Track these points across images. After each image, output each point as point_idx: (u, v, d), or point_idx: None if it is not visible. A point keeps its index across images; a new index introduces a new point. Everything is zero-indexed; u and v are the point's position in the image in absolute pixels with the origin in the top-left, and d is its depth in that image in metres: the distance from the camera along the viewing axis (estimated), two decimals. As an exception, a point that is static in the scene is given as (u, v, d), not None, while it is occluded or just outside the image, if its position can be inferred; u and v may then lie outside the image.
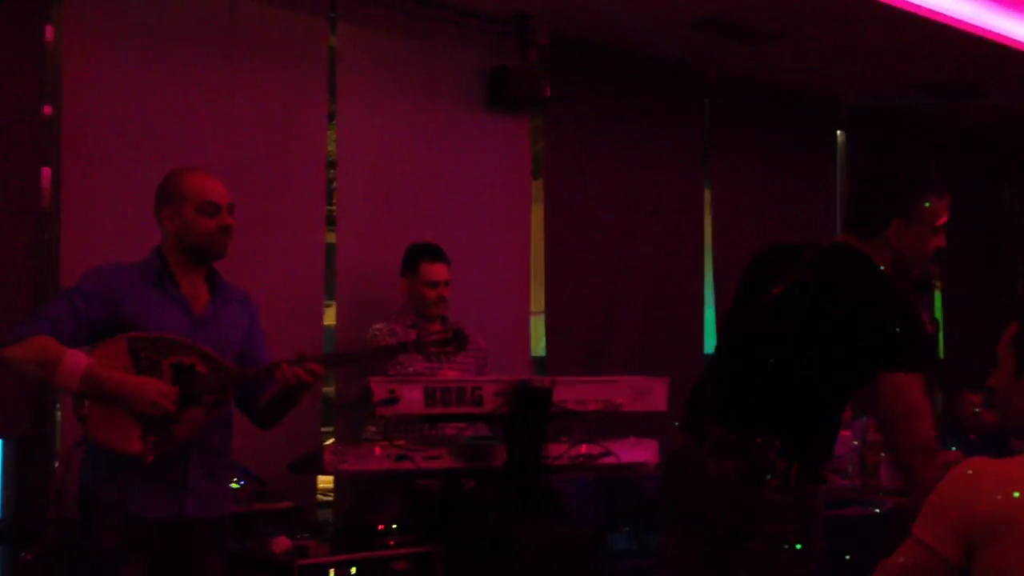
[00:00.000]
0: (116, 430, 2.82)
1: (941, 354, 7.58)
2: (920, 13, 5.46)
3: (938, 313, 7.63)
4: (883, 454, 5.12)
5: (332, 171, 5.04)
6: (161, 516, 2.91)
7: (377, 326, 4.46)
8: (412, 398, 3.67)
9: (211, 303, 3.06)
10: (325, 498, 5.11)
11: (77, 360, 2.80)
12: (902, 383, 2.62)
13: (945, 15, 5.56)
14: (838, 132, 7.12)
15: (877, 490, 4.93)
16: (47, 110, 4.22)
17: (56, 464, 4.12)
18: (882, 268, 2.74)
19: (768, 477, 2.64)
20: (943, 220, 2.76)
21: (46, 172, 4.20)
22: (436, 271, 4.50)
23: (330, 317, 5.02)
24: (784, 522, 2.64)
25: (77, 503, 2.99)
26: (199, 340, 2.96)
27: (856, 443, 5.32)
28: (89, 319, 2.89)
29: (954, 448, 5.46)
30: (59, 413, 4.14)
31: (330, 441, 4.69)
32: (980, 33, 5.75)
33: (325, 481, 4.91)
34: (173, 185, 3.06)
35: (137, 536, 2.88)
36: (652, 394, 4.02)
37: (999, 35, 5.81)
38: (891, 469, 5.13)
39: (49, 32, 4.23)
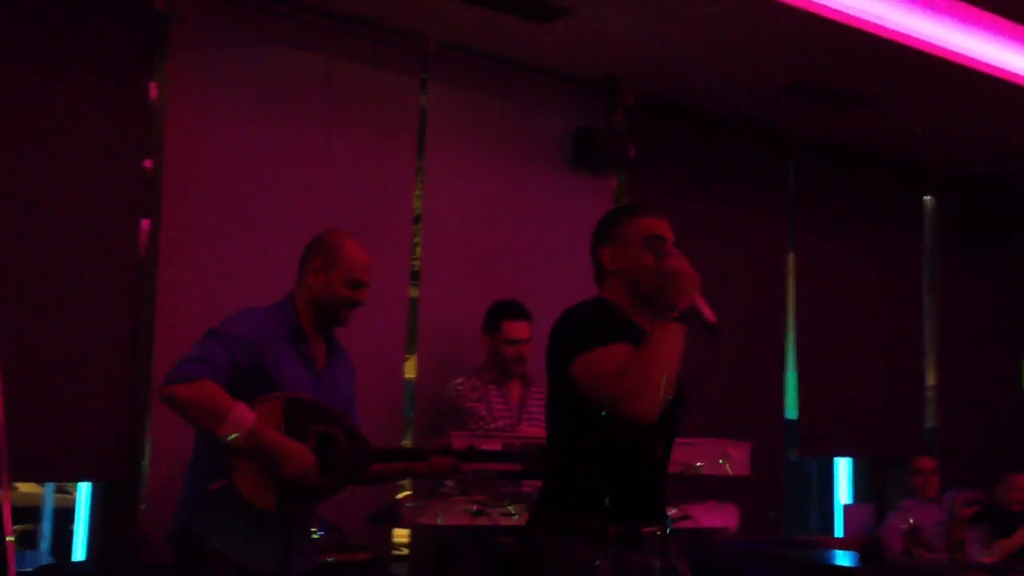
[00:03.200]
0: (258, 486, 2.86)
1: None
2: (1011, 80, 5.39)
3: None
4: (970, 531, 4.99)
5: (416, 226, 5.12)
6: (269, 570, 2.95)
7: (458, 381, 4.50)
8: (491, 454, 3.67)
9: (328, 362, 3.13)
10: (399, 553, 5.13)
11: (244, 415, 2.81)
12: (589, 359, 2.50)
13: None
14: (926, 198, 7.03)
15: (964, 564, 4.80)
16: (148, 164, 4.37)
17: (143, 508, 4.20)
18: (605, 297, 2.77)
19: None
20: (653, 233, 2.77)
21: (145, 224, 4.34)
22: (517, 329, 4.52)
23: (410, 370, 5.08)
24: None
25: (176, 545, 2.99)
26: (320, 398, 3.01)
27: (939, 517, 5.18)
28: (240, 366, 2.89)
29: None
30: (146, 459, 4.23)
31: (407, 494, 4.71)
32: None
33: (402, 534, 4.93)
34: (334, 245, 3.11)
35: None
36: (733, 458, 3.98)
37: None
38: (978, 545, 4.99)
39: (153, 89, 4.40)
